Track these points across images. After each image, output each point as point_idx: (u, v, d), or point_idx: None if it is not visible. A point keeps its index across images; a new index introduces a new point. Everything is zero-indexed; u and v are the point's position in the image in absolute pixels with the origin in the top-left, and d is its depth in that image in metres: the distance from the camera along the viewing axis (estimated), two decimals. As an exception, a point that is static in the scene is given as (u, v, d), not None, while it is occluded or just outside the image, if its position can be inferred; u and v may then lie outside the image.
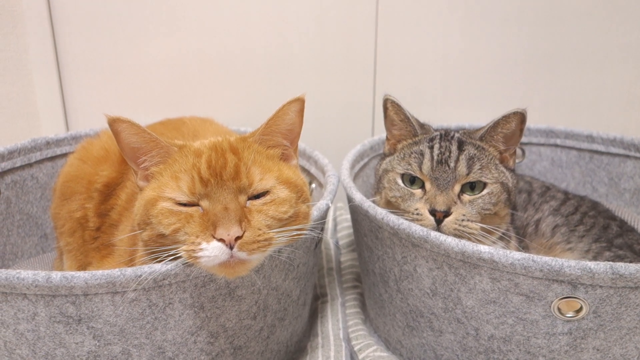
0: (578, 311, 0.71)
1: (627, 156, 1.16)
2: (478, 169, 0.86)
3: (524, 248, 0.94)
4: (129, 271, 0.66)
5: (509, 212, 0.91)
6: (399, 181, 0.90)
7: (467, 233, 0.83)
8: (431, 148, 0.89)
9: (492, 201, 0.86)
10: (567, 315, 0.72)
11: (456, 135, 0.92)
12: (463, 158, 0.86)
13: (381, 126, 0.99)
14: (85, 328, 0.69)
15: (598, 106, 1.41)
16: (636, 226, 1.09)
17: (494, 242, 0.87)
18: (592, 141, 1.20)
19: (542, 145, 1.27)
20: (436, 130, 0.96)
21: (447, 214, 0.83)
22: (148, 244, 0.70)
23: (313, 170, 1.10)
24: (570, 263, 0.68)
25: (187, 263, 0.67)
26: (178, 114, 1.14)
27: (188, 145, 0.74)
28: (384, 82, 1.41)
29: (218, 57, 1.39)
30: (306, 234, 0.74)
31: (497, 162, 0.89)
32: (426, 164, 0.87)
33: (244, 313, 0.77)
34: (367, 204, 0.86)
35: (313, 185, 1.09)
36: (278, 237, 0.68)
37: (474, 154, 0.87)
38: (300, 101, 0.74)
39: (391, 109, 0.94)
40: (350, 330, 1.00)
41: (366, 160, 1.16)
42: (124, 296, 0.68)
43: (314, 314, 1.05)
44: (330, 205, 0.87)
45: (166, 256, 0.66)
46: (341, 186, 0.96)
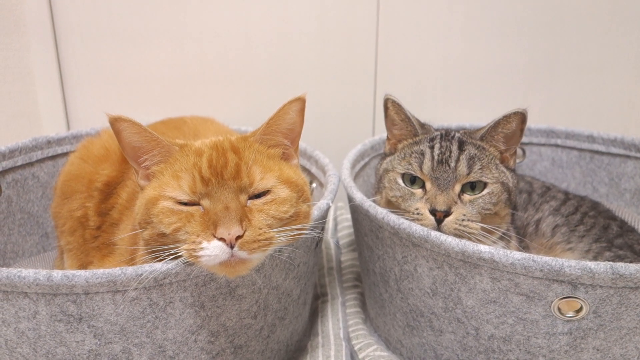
0: (578, 311, 0.71)
1: (628, 156, 1.16)
2: (478, 169, 0.86)
3: (524, 248, 0.94)
4: (130, 270, 0.66)
5: (510, 212, 0.91)
6: (400, 181, 0.90)
7: (468, 233, 0.83)
8: (432, 148, 0.89)
9: (493, 201, 0.86)
10: (567, 315, 0.72)
11: (457, 135, 0.92)
12: (463, 158, 0.86)
13: (382, 126, 0.99)
14: (86, 327, 0.69)
15: (599, 106, 1.41)
16: (636, 226, 1.09)
17: (495, 242, 0.87)
18: (593, 141, 1.20)
19: (543, 145, 1.27)
20: (437, 130, 0.96)
21: (448, 214, 0.83)
22: (149, 243, 0.70)
23: (314, 169, 1.10)
24: (570, 263, 0.68)
25: (188, 262, 0.67)
26: (179, 114, 1.14)
27: (189, 144, 0.74)
28: (385, 82, 1.41)
29: (219, 57, 1.39)
30: (307, 234, 0.74)
31: (498, 162, 0.89)
32: (427, 164, 0.87)
33: (245, 312, 0.77)
34: (368, 204, 0.86)
35: (314, 184, 1.09)
36: (279, 237, 0.68)
37: (475, 154, 0.87)
38: (301, 101, 0.74)
39: (392, 109, 0.94)
40: (350, 329, 1.00)
41: (367, 159, 1.16)
42: (125, 295, 0.68)
43: (315, 314, 1.06)
44: (330, 204, 0.87)
45: (167, 255, 0.66)
46: (342, 186, 0.96)
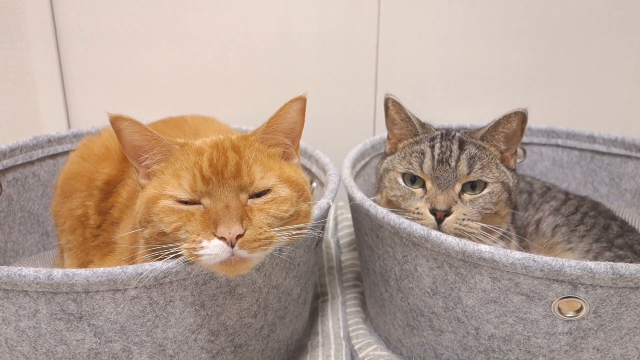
0: (578, 311, 0.71)
1: (629, 156, 1.16)
2: (479, 169, 0.86)
3: (525, 248, 0.94)
4: (130, 269, 0.66)
5: (510, 212, 0.91)
6: (400, 180, 0.90)
7: (468, 232, 0.83)
8: (432, 147, 0.89)
9: (493, 200, 0.86)
10: (568, 315, 0.72)
11: (457, 134, 0.92)
12: (464, 157, 0.86)
13: (382, 125, 0.99)
14: (86, 325, 0.69)
15: (599, 106, 1.41)
16: (637, 226, 1.09)
17: (495, 242, 0.87)
18: (594, 141, 1.20)
19: (544, 145, 1.27)
20: (437, 129, 0.96)
21: (448, 213, 0.83)
22: (149, 242, 0.70)
23: (314, 169, 1.10)
24: (570, 263, 0.68)
25: (188, 261, 0.67)
26: (180, 113, 1.14)
27: (189, 143, 0.73)
28: (386, 82, 1.41)
29: (220, 56, 1.39)
30: (307, 233, 0.74)
31: (498, 162, 0.89)
32: (427, 163, 0.87)
33: (245, 311, 0.77)
34: (368, 203, 0.86)
35: (314, 184, 1.09)
36: (279, 236, 0.68)
37: (475, 154, 0.87)
38: (302, 100, 0.74)
39: (392, 108, 0.94)
40: (350, 329, 1.00)
41: (367, 159, 1.16)
42: (125, 294, 0.68)
43: (315, 313, 1.06)
44: (331, 204, 0.87)
45: (167, 254, 0.66)
46: (342, 185, 0.96)
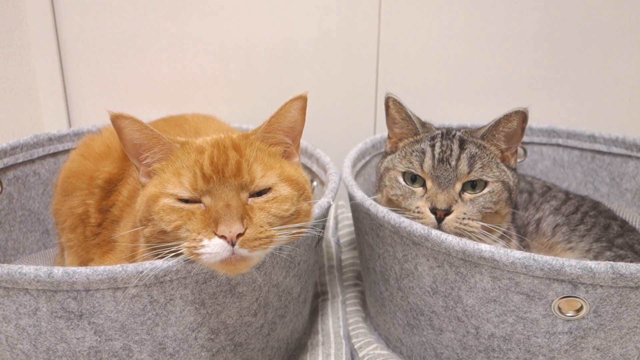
0: (578, 310, 0.71)
1: (629, 156, 1.16)
2: (479, 168, 0.86)
3: (525, 247, 0.94)
4: (131, 267, 0.66)
5: (510, 211, 0.91)
6: (400, 179, 0.90)
7: (468, 231, 0.83)
8: (432, 146, 0.89)
9: (493, 200, 0.86)
10: (568, 314, 0.72)
11: (458, 133, 0.92)
12: (464, 156, 0.86)
13: (383, 124, 0.99)
14: (86, 323, 0.69)
15: (600, 106, 1.41)
16: (637, 226, 1.09)
17: (495, 241, 0.87)
18: (594, 141, 1.20)
19: (544, 144, 1.27)
20: (438, 128, 0.96)
21: (448, 213, 0.83)
22: (149, 240, 0.70)
23: (315, 168, 1.10)
24: (570, 262, 0.68)
25: (189, 260, 0.67)
26: (180, 111, 1.14)
27: (190, 142, 0.73)
28: (386, 81, 1.41)
29: (220, 55, 1.39)
30: (307, 232, 0.74)
31: (499, 161, 0.89)
32: (427, 162, 0.87)
33: (245, 310, 0.77)
34: (369, 202, 0.86)
35: (314, 183, 1.09)
36: (279, 235, 0.68)
37: (476, 153, 0.87)
38: (302, 99, 0.74)
39: (393, 108, 0.94)
40: (350, 328, 1.00)
41: (368, 158, 1.16)
42: (125, 292, 0.68)
43: (315, 312, 1.06)
44: (331, 203, 0.87)
45: (167, 252, 0.66)
46: (342, 184, 0.96)
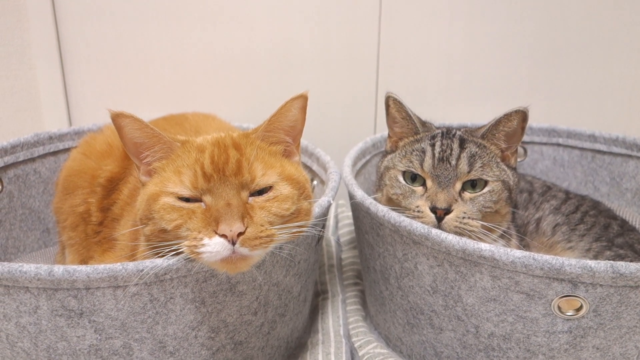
0: (578, 310, 0.71)
1: (629, 156, 1.16)
2: (479, 167, 0.86)
3: (525, 246, 0.94)
4: (131, 265, 0.66)
5: (510, 211, 0.91)
6: (401, 178, 0.90)
7: (468, 231, 0.83)
8: (433, 146, 0.89)
9: (493, 199, 0.86)
10: (567, 313, 0.72)
11: (458, 133, 0.92)
12: (464, 156, 0.86)
13: (383, 124, 0.99)
14: (86, 322, 0.69)
15: (601, 106, 1.41)
16: (637, 226, 1.09)
17: (495, 240, 0.87)
18: (595, 141, 1.20)
19: (544, 144, 1.27)
20: (438, 128, 0.96)
21: (448, 212, 0.83)
22: (150, 239, 0.70)
23: (315, 167, 1.10)
24: (570, 262, 0.68)
25: (189, 258, 0.67)
26: (181, 110, 1.14)
27: (191, 140, 0.74)
28: (387, 80, 1.41)
29: (221, 53, 1.39)
30: (308, 231, 0.74)
31: (499, 160, 0.89)
32: (427, 162, 0.87)
33: (245, 308, 0.77)
34: (369, 201, 0.86)
35: (315, 182, 1.09)
36: (280, 234, 0.68)
37: (476, 152, 0.87)
38: (303, 98, 0.74)
39: (393, 107, 0.94)
40: (350, 327, 1.00)
41: (368, 157, 1.16)
42: (126, 290, 0.68)
43: (315, 311, 1.06)
44: (331, 202, 0.87)
45: (168, 251, 0.66)
46: (343, 183, 0.96)
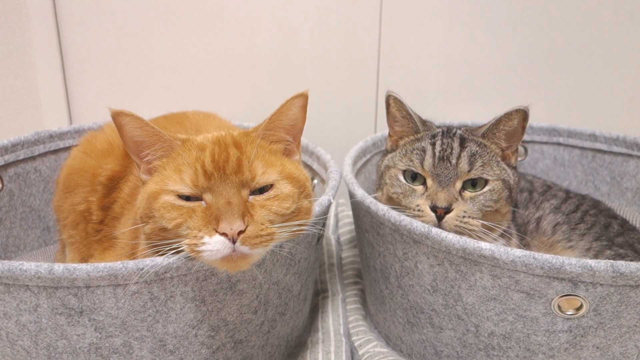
0: (578, 309, 0.71)
1: (630, 155, 1.16)
2: (480, 166, 0.86)
3: (525, 246, 0.94)
4: (131, 264, 0.66)
5: (510, 210, 0.91)
6: (401, 177, 0.90)
7: (468, 230, 0.83)
8: (433, 145, 0.89)
9: (494, 198, 0.86)
10: (568, 313, 0.72)
11: (458, 132, 0.92)
12: (465, 155, 0.86)
13: (384, 123, 0.99)
14: (86, 320, 0.69)
15: (601, 105, 1.41)
16: (637, 225, 1.09)
17: (495, 239, 0.87)
18: (595, 140, 1.20)
19: (545, 143, 1.27)
20: (438, 127, 0.96)
21: (448, 211, 0.83)
22: (150, 238, 0.70)
23: (315, 166, 1.10)
24: (571, 261, 0.68)
25: (189, 257, 0.67)
26: (182, 109, 1.14)
27: (191, 139, 0.74)
28: (387, 79, 1.41)
29: (221, 53, 1.39)
30: (308, 230, 0.74)
31: (499, 159, 0.89)
32: (428, 161, 0.87)
33: (245, 307, 0.77)
34: (369, 200, 0.86)
35: (315, 181, 1.09)
36: (280, 232, 0.68)
37: (476, 151, 0.87)
38: (303, 97, 0.74)
39: (393, 106, 0.94)
40: (350, 325, 1.00)
41: (368, 156, 1.16)
42: (126, 289, 0.68)
43: (315, 310, 1.06)
44: (332, 201, 0.87)
45: (168, 250, 0.66)
46: (343, 182, 0.96)
